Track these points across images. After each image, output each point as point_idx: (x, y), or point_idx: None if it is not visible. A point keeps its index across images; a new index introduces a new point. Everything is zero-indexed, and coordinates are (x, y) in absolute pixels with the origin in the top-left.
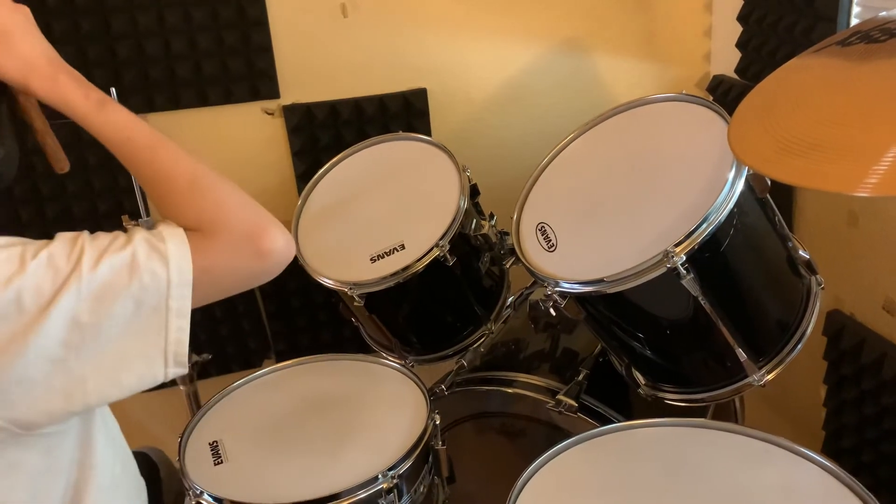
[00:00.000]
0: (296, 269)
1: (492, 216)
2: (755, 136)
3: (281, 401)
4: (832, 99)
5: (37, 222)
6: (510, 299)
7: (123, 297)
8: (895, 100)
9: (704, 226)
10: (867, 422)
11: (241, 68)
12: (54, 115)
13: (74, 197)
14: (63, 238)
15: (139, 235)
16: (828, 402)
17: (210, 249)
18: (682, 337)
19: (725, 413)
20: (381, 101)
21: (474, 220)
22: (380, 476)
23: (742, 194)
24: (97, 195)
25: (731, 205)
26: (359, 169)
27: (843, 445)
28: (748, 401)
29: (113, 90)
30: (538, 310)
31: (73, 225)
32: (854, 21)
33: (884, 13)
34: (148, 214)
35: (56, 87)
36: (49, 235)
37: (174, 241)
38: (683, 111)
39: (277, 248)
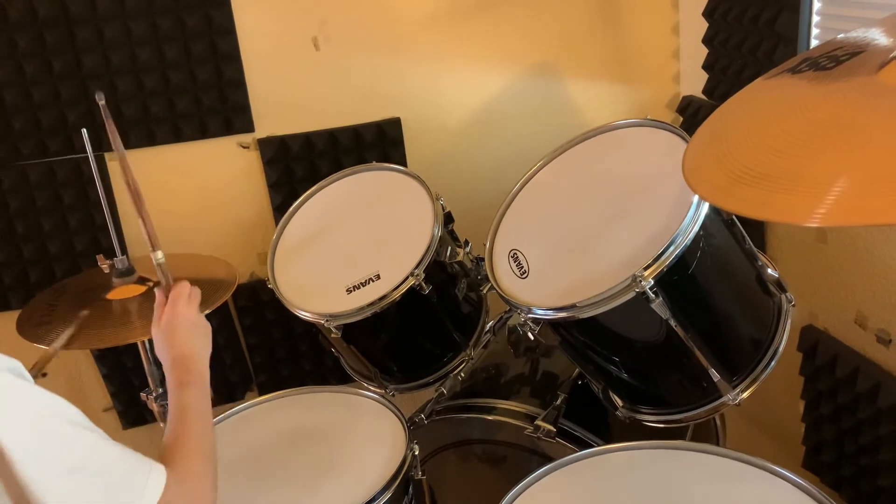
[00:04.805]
0: (274, 301)
1: (466, 243)
2: (708, 166)
3: (260, 436)
4: (781, 128)
5: (14, 262)
6: (489, 324)
7: None
8: (843, 128)
9: (671, 249)
10: (845, 435)
11: (215, 103)
12: None
13: (50, 236)
14: None
15: None
16: (806, 417)
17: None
18: (655, 359)
19: (706, 432)
20: (356, 132)
21: (449, 248)
22: None
23: (707, 216)
24: (73, 233)
25: (696, 227)
26: (333, 200)
27: (823, 460)
28: (729, 419)
29: (84, 131)
30: (517, 334)
31: (49, 263)
32: (814, 42)
33: (841, 35)
34: (124, 253)
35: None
36: (26, 275)
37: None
38: (648, 136)
39: None
